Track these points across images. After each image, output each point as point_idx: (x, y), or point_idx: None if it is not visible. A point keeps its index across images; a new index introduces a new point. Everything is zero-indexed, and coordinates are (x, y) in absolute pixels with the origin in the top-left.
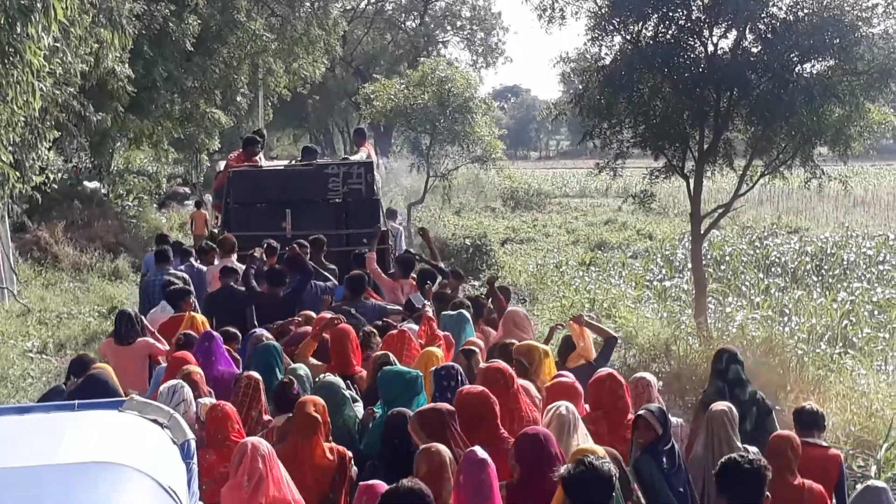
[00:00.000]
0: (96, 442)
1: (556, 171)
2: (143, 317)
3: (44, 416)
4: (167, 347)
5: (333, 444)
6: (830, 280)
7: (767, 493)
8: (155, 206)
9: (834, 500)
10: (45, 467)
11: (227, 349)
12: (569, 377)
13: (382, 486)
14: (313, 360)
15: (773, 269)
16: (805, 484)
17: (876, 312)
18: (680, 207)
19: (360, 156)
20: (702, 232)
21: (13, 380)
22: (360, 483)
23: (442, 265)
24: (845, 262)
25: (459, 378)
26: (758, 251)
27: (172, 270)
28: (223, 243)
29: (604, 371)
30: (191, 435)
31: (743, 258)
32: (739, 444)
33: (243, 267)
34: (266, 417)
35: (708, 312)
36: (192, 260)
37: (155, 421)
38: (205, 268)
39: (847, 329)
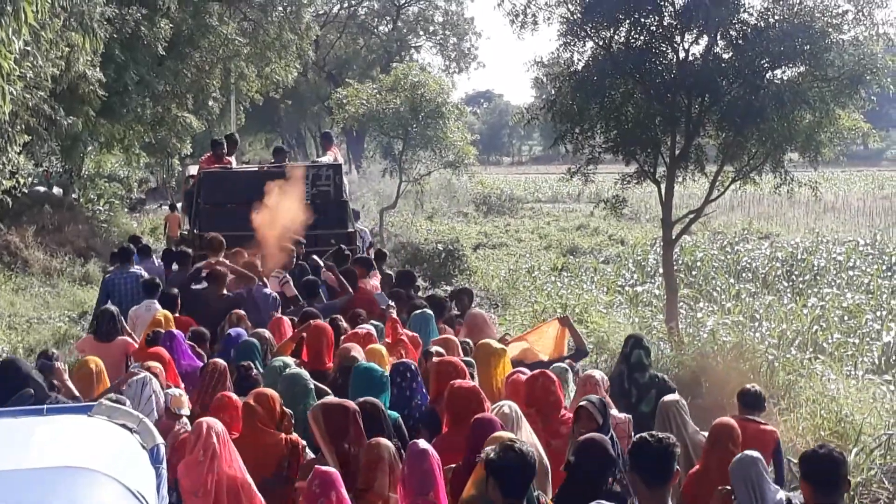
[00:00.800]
0: (65, 446)
1: (528, 177)
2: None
3: (11, 421)
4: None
5: (284, 434)
6: (801, 285)
7: (677, 467)
8: (126, 210)
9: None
10: (14, 472)
11: (192, 346)
12: (525, 373)
13: (335, 472)
14: (290, 359)
15: (744, 275)
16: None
17: (846, 318)
18: (651, 213)
19: (328, 159)
20: (673, 237)
21: None
22: (315, 467)
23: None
24: (816, 268)
25: (409, 375)
26: (729, 256)
27: (138, 269)
28: (211, 243)
29: (537, 370)
30: (160, 440)
31: (714, 263)
32: (695, 428)
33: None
34: None
35: (679, 317)
36: (155, 259)
37: (124, 426)
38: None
39: (817, 334)
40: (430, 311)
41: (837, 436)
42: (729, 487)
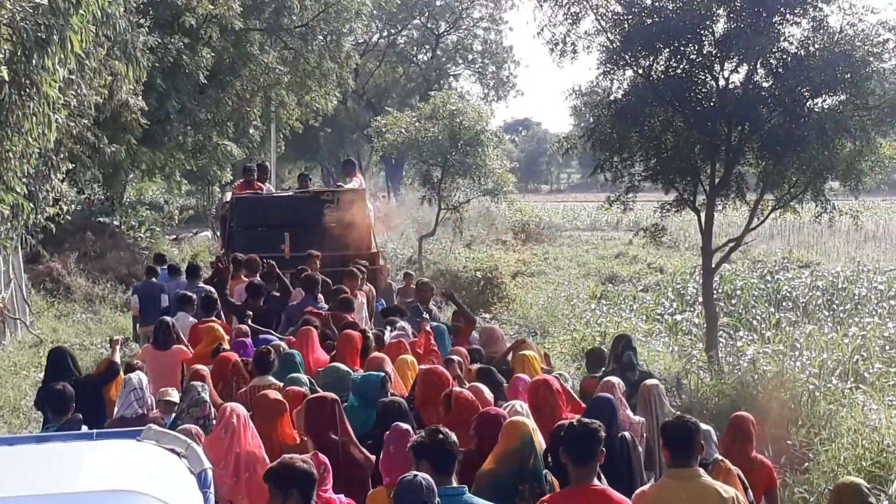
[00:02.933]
0: (114, 470)
1: (566, 204)
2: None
3: (63, 445)
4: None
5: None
6: (842, 315)
7: (603, 448)
8: (167, 237)
9: None
10: (65, 495)
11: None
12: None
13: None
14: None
15: (784, 304)
16: (758, 458)
17: (887, 347)
18: (690, 241)
19: (353, 184)
20: (713, 266)
21: (25, 410)
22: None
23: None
24: (856, 297)
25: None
26: (769, 285)
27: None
28: (249, 264)
29: (540, 378)
30: (207, 464)
31: (754, 292)
32: (670, 409)
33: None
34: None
35: (719, 346)
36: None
37: (172, 450)
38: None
39: (858, 364)
40: (443, 326)
41: (879, 466)
42: None
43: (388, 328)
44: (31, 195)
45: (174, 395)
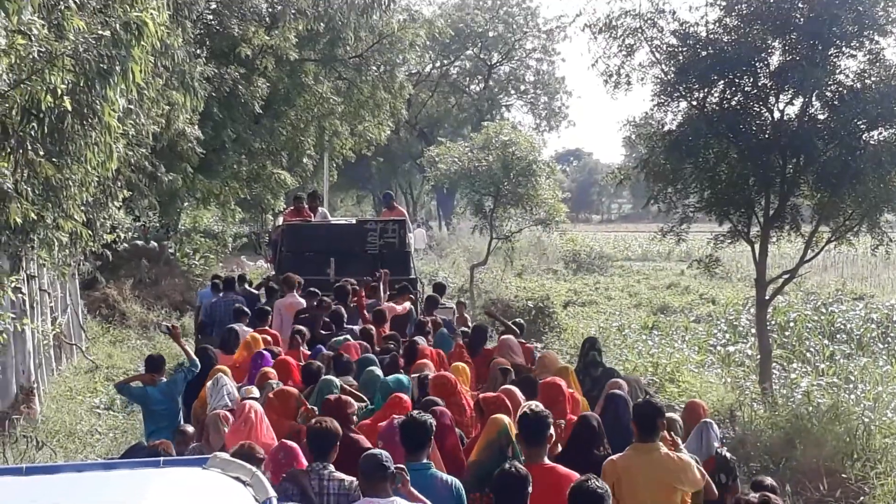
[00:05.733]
0: (181, 498)
1: (617, 235)
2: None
3: (129, 472)
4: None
5: (298, 423)
6: None
7: (551, 432)
8: (221, 265)
9: None
10: None
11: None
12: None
13: (295, 445)
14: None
15: (838, 336)
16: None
17: None
18: (743, 272)
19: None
20: (767, 297)
21: (81, 435)
22: (281, 441)
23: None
24: None
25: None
26: (822, 317)
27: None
28: (287, 280)
29: (549, 378)
30: (272, 493)
31: (808, 324)
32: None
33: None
34: None
35: (773, 378)
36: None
37: (238, 479)
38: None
39: None
40: (446, 331)
41: None
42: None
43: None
44: (90, 222)
45: (256, 392)
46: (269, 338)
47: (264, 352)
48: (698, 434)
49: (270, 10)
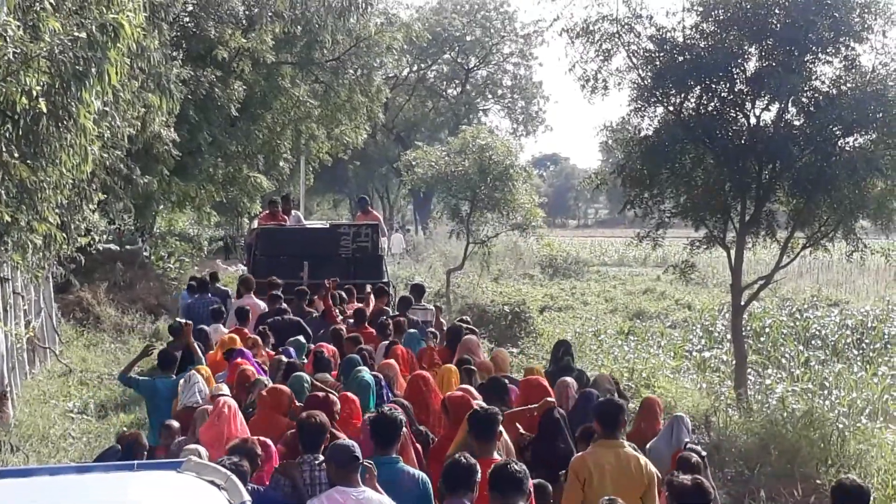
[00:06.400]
0: (156, 501)
1: (594, 240)
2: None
3: (104, 476)
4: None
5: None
6: (871, 354)
7: (501, 429)
8: (196, 268)
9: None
10: None
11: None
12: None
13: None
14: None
15: (813, 342)
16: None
17: None
18: (719, 278)
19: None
20: (742, 303)
21: (54, 439)
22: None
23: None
24: (886, 336)
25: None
26: (798, 323)
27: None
28: (246, 282)
29: (532, 377)
30: (247, 497)
31: (783, 330)
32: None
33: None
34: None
35: (748, 384)
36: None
37: (212, 482)
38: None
39: (888, 403)
40: (417, 332)
41: None
42: None
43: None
44: (64, 225)
45: (225, 389)
46: (236, 337)
47: (245, 350)
48: (668, 429)
49: (247, 12)
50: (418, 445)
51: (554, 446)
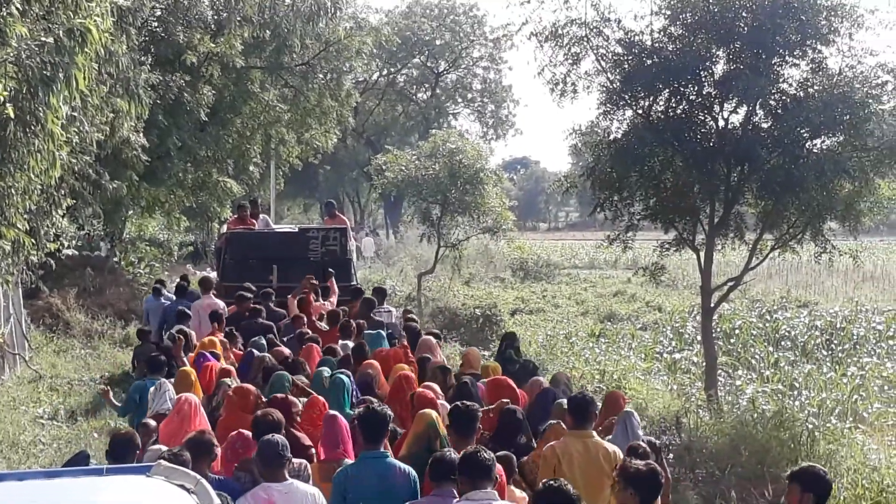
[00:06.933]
0: None
1: (565, 243)
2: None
3: (72, 481)
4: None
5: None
6: (840, 354)
7: (479, 426)
8: (167, 273)
9: None
10: None
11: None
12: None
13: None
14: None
15: (782, 343)
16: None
17: (886, 387)
18: (689, 280)
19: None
20: (712, 305)
21: (24, 446)
22: (238, 431)
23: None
24: (855, 337)
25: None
26: (767, 325)
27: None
28: (204, 282)
29: (501, 378)
30: (217, 500)
31: (753, 331)
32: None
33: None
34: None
35: (718, 385)
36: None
37: (182, 486)
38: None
39: (857, 404)
40: (382, 332)
41: None
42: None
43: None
44: (33, 231)
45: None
46: (216, 339)
47: (207, 353)
48: (622, 424)
49: (216, 17)
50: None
51: (512, 443)
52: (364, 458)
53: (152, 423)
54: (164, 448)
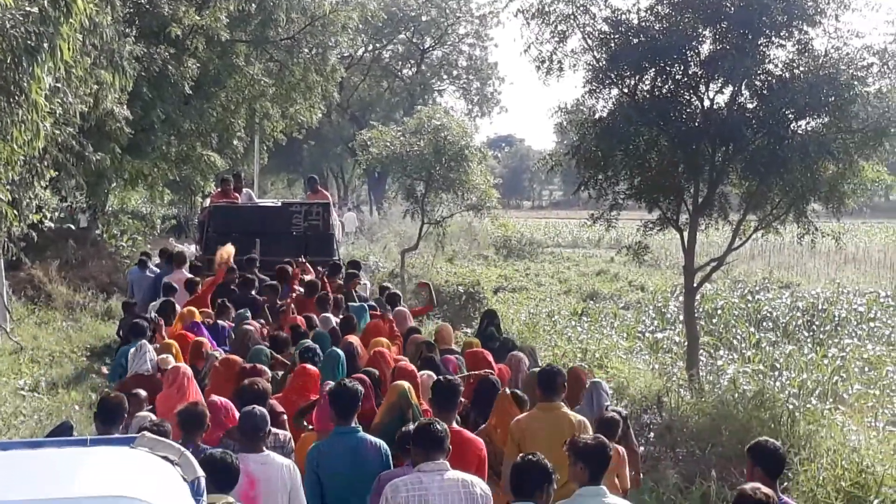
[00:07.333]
0: (109, 476)
1: (548, 221)
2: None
3: (56, 451)
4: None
5: None
6: (821, 336)
7: (462, 399)
8: (149, 246)
9: None
10: (60, 500)
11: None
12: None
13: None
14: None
15: (764, 324)
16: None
17: (866, 369)
18: (672, 260)
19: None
20: (694, 285)
21: (5, 417)
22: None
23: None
24: (836, 319)
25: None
26: (749, 305)
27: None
28: (177, 257)
29: (478, 350)
30: (200, 472)
31: (735, 312)
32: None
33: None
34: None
35: (699, 365)
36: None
37: (165, 458)
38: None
39: (838, 385)
40: (366, 305)
41: (858, 486)
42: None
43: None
44: (15, 202)
45: (173, 360)
46: (195, 310)
47: (199, 323)
48: (589, 395)
49: None
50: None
51: (488, 410)
52: (336, 434)
53: (142, 393)
54: (152, 416)
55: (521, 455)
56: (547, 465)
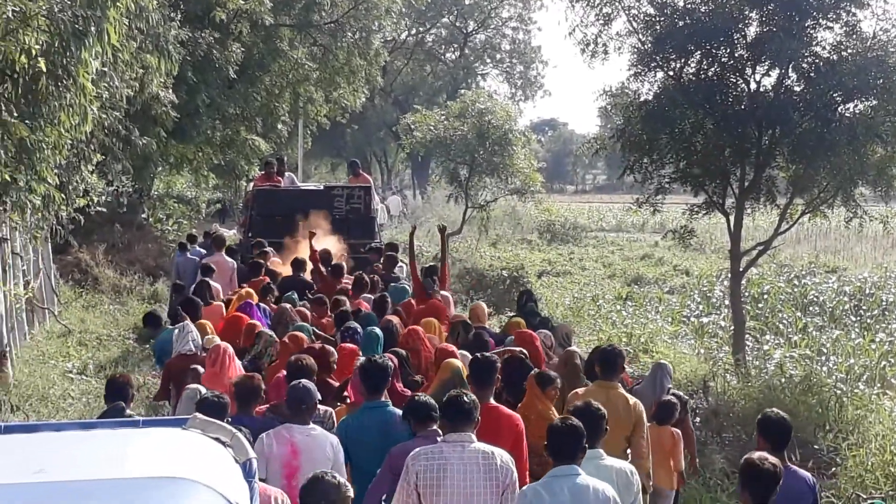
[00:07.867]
0: (162, 457)
1: (592, 205)
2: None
3: (109, 432)
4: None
5: None
6: (869, 320)
7: (499, 376)
8: (194, 230)
9: None
10: (112, 481)
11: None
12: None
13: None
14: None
15: (811, 308)
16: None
17: None
18: (717, 244)
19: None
20: (741, 269)
21: (53, 399)
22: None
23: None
24: (884, 303)
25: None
26: (796, 290)
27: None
28: (216, 240)
29: (526, 332)
30: (252, 454)
31: (781, 296)
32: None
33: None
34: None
35: (746, 350)
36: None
37: (218, 439)
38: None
39: (885, 370)
40: (406, 285)
41: None
42: None
43: None
44: (62, 186)
45: (217, 340)
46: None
47: (252, 303)
48: (652, 376)
49: None
50: (407, 391)
51: (519, 387)
52: (366, 408)
53: (200, 369)
54: (202, 389)
55: (559, 418)
56: (583, 429)
